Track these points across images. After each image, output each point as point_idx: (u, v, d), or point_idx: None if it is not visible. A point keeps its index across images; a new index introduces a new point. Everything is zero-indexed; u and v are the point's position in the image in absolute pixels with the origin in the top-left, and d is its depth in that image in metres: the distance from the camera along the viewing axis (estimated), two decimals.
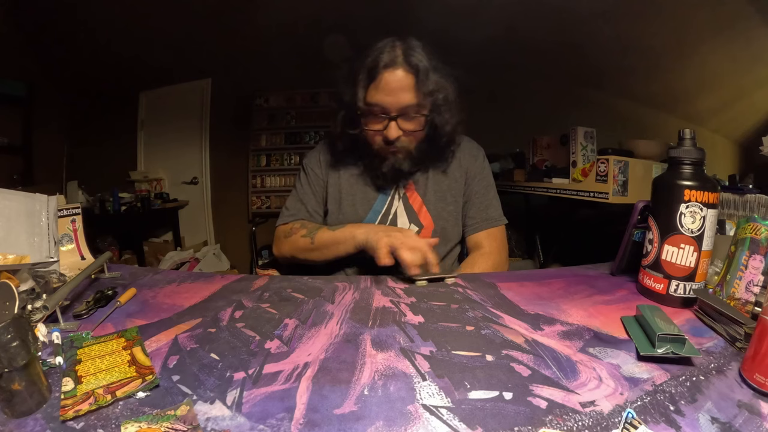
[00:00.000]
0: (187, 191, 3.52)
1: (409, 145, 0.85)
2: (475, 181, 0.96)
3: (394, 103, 0.79)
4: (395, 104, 0.79)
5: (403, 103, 0.79)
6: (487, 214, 0.95)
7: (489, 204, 0.96)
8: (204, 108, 3.40)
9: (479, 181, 0.96)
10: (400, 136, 0.82)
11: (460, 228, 0.96)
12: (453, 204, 0.94)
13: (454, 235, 0.95)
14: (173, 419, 0.32)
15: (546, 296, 0.62)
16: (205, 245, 3.41)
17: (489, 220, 0.94)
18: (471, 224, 0.95)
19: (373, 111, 0.81)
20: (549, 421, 0.33)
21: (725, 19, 1.74)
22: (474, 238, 0.94)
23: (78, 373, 0.39)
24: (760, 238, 0.52)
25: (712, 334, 0.49)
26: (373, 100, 0.80)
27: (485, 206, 0.95)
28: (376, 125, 0.83)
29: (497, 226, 0.95)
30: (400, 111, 0.80)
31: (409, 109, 0.80)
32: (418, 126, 0.83)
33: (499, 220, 0.96)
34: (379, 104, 0.80)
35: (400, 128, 0.81)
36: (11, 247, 0.63)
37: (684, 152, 0.56)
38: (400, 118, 0.80)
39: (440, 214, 0.93)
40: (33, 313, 0.48)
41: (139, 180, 3.39)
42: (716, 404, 0.35)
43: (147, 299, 0.60)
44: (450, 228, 0.93)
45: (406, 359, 0.43)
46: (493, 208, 0.96)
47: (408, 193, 0.93)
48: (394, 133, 0.81)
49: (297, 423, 0.33)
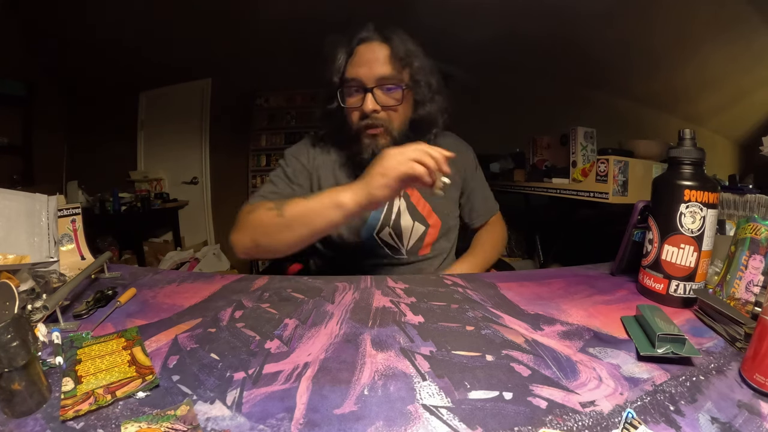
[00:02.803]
0: (187, 191, 3.52)
1: (389, 123, 0.81)
2: (474, 177, 1.00)
3: (368, 74, 0.78)
4: (370, 75, 0.78)
5: (377, 73, 0.78)
6: (487, 205, 1.03)
7: (488, 195, 1.04)
8: (204, 108, 3.40)
9: (478, 177, 1.02)
10: (378, 111, 0.79)
11: (458, 223, 1.00)
12: (453, 201, 0.97)
13: (455, 232, 0.99)
14: (173, 419, 0.33)
15: (546, 296, 0.62)
16: (205, 245, 3.41)
17: (490, 210, 1.04)
18: (476, 217, 1.01)
19: (351, 86, 0.80)
20: (549, 421, 0.33)
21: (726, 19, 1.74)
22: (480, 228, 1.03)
23: (78, 373, 0.39)
24: (760, 238, 0.52)
25: (712, 334, 0.49)
26: (350, 74, 0.80)
27: (485, 198, 1.03)
28: (354, 100, 0.81)
29: (496, 212, 1.05)
30: (376, 82, 0.78)
31: (384, 81, 0.78)
32: (395, 99, 0.80)
33: (496, 205, 1.06)
34: (355, 77, 0.79)
35: (377, 101, 0.79)
36: (11, 247, 0.63)
37: (684, 152, 0.56)
38: (376, 90, 0.79)
39: (443, 211, 0.93)
40: (33, 313, 0.48)
41: (139, 180, 3.40)
42: (716, 404, 0.35)
43: (147, 299, 0.60)
44: (452, 225, 0.96)
45: (406, 359, 0.43)
46: (491, 198, 1.05)
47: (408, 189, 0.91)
48: (371, 105, 0.78)
49: (297, 423, 0.33)
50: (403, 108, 0.82)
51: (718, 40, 1.86)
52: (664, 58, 2.12)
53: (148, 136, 3.47)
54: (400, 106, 0.81)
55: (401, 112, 0.82)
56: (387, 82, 0.79)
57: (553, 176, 1.91)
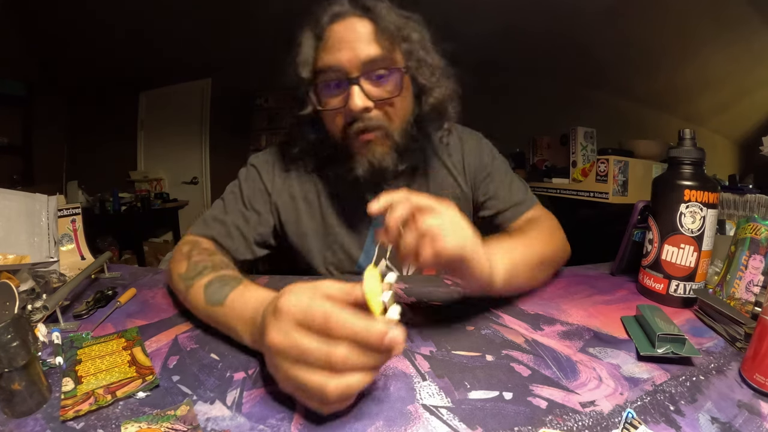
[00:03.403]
0: (187, 191, 3.52)
1: (387, 123, 0.62)
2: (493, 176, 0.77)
3: (351, 60, 0.58)
4: (353, 60, 0.58)
5: (362, 56, 0.57)
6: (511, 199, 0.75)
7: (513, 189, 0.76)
8: (204, 108, 3.41)
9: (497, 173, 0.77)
10: (369, 108, 0.59)
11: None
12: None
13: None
14: (173, 419, 0.33)
15: (546, 296, 0.62)
16: None
17: (519, 205, 0.75)
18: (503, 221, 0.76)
19: (328, 79, 0.60)
20: (549, 421, 0.33)
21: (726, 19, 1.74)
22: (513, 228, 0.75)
23: (78, 374, 0.39)
24: (760, 238, 0.52)
25: (712, 334, 0.49)
26: (324, 63, 0.59)
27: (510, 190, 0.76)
28: (335, 100, 0.61)
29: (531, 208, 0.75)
30: (361, 70, 0.58)
31: (373, 65, 0.58)
32: (391, 89, 0.61)
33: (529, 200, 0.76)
34: (332, 66, 0.59)
35: (367, 95, 0.58)
36: (11, 247, 0.63)
37: (684, 152, 0.56)
38: (363, 80, 0.58)
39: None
40: (33, 313, 0.48)
41: (139, 180, 3.40)
42: (716, 404, 0.35)
43: (147, 299, 0.60)
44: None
45: (406, 359, 0.43)
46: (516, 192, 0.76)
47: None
48: (359, 101, 0.58)
49: (297, 423, 0.33)
50: (403, 100, 0.63)
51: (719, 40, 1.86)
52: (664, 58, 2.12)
53: (148, 136, 3.47)
54: (399, 97, 0.61)
55: (401, 105, 0.63)
56: (376, 66, 0.59)
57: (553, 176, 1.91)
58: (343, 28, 0.59)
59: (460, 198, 0.77)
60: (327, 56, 0.59)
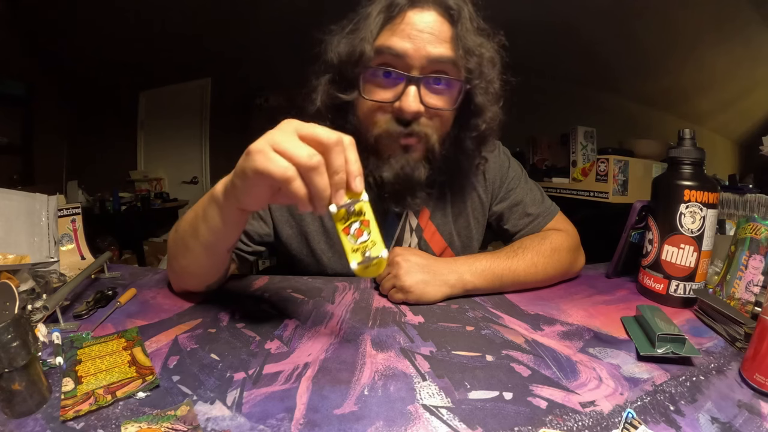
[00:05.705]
0: (187, 191, 3.52)
1: (430, 134, 0.58)
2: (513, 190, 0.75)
3: (418, 51, 0.53)
4: (420, 52, 0.53)
5: (432, 55, 0.53)
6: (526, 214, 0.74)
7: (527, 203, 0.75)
8: (204, 108, 3.40)
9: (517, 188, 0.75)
10: (421, 113, 0.55)
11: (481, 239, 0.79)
12: (476, 228, 0.75)
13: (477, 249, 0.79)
14: (173, 419, 0.33)
15: (546, 296, 0.62)
16: None
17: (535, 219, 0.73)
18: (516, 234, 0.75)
19: (386, 63, 0.55)
20: (549, 421, 0.33)
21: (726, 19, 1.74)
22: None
23: (78, 374, 0.39)
24: (760, 238, 0.52)
25: (712, 334, 0.49)
26: (388, 45, 0.54)
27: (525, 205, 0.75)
28: (385, 93, 0.56)
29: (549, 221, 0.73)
30: (427, 68, 0.54)
31: (437, 65, 0.55)
32: (447, 100, 0.57)
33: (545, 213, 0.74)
34: (397, 51, 0.53)
35: (422, 101, 0.54)
36: (11, 247, 0.63)
37: (684, 152, 0.56)
38: (423, 85, 0.55)
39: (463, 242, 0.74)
40: (33, 313, 0.48)
41: (139, 180, 3.40)
42: (716, 404, 0.35)
43: (147, 299, 0.60)
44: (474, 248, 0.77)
45: (406, 359, 0.43)
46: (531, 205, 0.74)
47: (421, 222, 0.68)
48: (414, 104, 0.54)
49: (297, 423, 0.33)
50: (452, 114, 0.60)
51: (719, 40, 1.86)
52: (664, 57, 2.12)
53: (148, 135, 3.47)
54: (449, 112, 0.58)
55: (449, 119, 0.60)
56: (440, 68, 0.55)
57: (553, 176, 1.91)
58: (419, 17, 0.54)
59: (479, 219, 0.76)
60: (393, 39, 0.54)
